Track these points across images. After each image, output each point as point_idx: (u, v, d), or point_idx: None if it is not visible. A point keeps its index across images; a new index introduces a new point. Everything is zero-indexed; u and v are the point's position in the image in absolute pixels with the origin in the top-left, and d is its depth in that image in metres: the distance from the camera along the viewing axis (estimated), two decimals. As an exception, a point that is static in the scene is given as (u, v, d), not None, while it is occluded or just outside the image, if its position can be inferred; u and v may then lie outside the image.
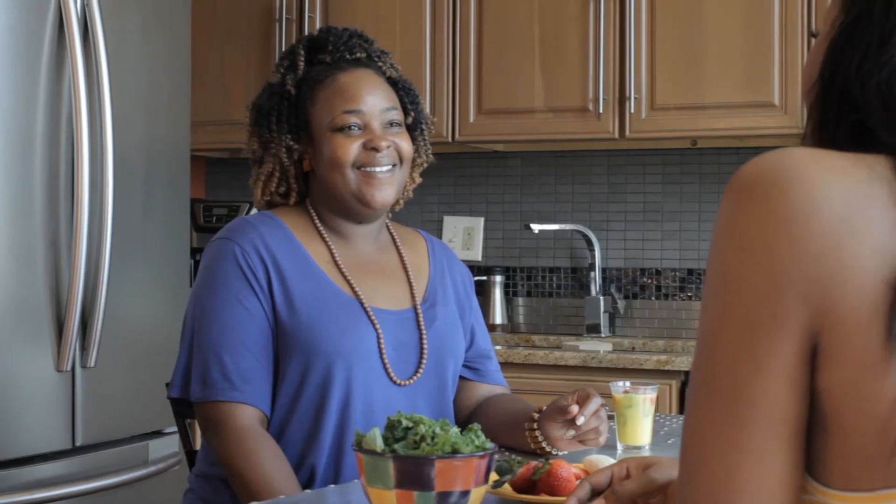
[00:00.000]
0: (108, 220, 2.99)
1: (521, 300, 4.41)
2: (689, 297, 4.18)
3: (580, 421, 2.03)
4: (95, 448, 3.07)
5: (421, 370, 2.13)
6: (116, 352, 3.09)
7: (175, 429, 2.64)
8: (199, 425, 2.10)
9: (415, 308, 2.18)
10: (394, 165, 2.14)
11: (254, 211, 3.95)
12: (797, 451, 0.95)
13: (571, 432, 2.05)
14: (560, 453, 2.09)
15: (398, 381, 2.11)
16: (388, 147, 2.13)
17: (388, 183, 2.13)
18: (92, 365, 3.01)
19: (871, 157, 0.96)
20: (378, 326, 2.10)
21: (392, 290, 2.19)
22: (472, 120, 4.09)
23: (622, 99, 3.90)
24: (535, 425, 2.09)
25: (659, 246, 4.25)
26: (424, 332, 2.16)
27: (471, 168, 4.48)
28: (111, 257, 3.00)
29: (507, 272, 4.41)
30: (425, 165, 2.30)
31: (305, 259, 2.12)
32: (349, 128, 2.12)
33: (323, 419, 2.06)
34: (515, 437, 2.12)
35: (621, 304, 4.25)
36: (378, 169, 2.12)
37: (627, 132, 3.90)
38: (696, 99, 3.83)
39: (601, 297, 4.20)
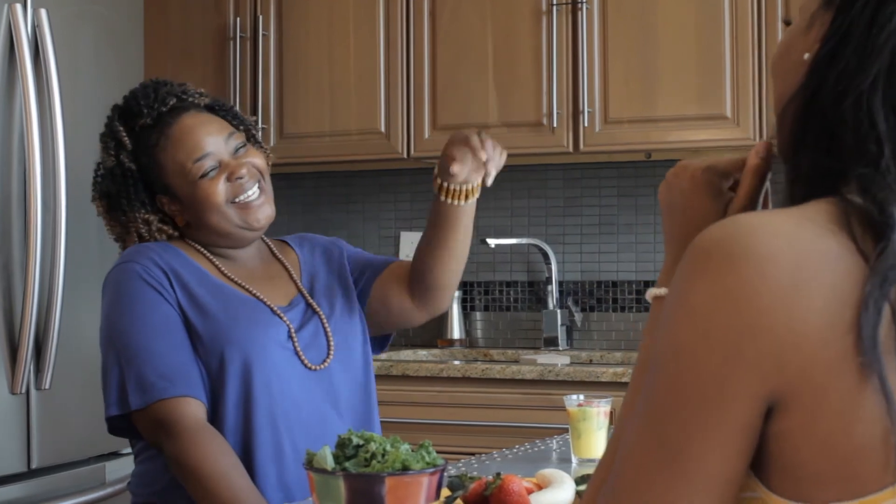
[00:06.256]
0: (62, 241, 2.98)
1: (478, 314, 4.42)
2: (646, 309, 4.19)
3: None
4: (52, 470, 3.05)
5: (331, 354, 2.21)
6: (71, 373, 3.07)
7: (131, 450, 2.63)
8: (144, 434, 2.09)
9: (305, 299, 2.26)
10: (258, 183, 2.22)
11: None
12: None
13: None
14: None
15: (311, 367, 2.19)
16: (247, 170, 2.20)
17: (264, 203, 2.22)
18: (47, 387, 2.99)
19: (814, 210, 1.00)
20: (286, 318, 2.19)
21: (282, 290, 2.27)
22: (427, 136, 4.10)
23: (576, 113, 3.92)
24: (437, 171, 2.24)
25: (615, 258, 4.27)
26: (323, 317, 2.24)
27: (427, 184, 4.48)
28: (65, 279, 2.98)
29: (465, 287, 4.43)
30: (270, 164, 2.33)
31: (202, 272, 2.19)
32: (206, 174, 2.18)
33: (252, 411, 2.10)
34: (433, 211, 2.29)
35: (578, 317, 4.26)
36: (249, 193, 2.20)
37: (582, 146, 3.92)
38: (649, 112, 3.85)
39: (558, 311, 4.22)
